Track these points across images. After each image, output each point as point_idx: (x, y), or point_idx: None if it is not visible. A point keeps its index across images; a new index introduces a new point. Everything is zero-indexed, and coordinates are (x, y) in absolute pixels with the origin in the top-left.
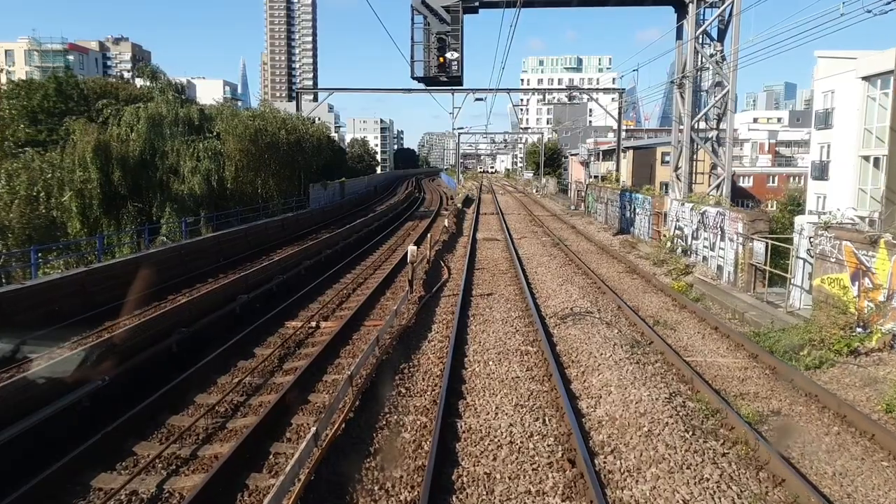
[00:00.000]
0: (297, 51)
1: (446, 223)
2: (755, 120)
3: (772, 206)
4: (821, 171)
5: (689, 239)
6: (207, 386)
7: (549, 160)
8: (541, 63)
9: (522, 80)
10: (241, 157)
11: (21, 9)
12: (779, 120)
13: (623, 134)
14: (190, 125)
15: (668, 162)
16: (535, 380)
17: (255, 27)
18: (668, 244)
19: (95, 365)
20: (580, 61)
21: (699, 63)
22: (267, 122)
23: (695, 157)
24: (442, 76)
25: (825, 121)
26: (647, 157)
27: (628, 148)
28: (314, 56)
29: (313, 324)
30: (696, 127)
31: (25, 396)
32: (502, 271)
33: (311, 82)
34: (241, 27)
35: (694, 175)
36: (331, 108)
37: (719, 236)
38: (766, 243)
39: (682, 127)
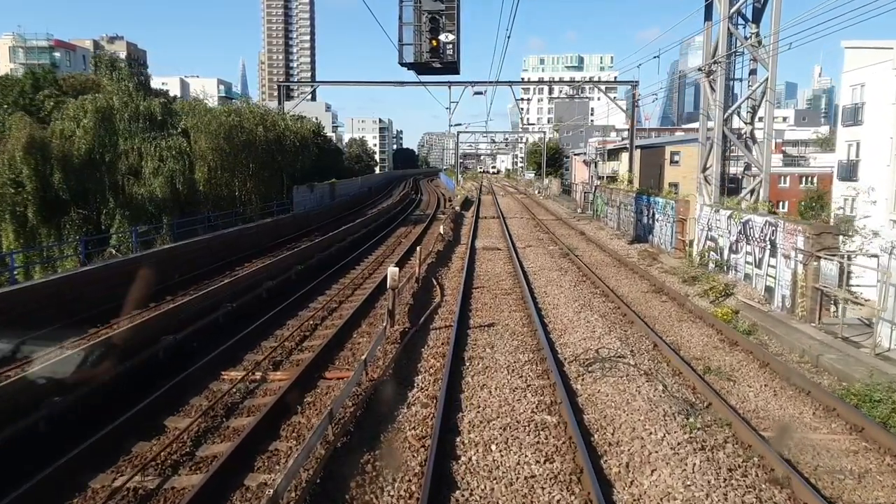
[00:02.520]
0: (294, 50)
1: (442, 230)
2: (760, 119)
3: (783, 209)
4: (849, 172)
5: (726, 252)
6: (70, 495)
7: (551, 160)
8: (542, 62)
9: (523, 78)
10: (214, 157)
11: (20, 7)
12: (784, 119)
13: (626, 133)
14: (151, 121)
15: (677, 162)
16: (559, 482)
17: (256, 28)
18: (699, 258)
19: None
20: (581, 60)
21: (734, 46)
22: (243, 117)
23: (728, 155)
24: (435, 62)
25: (854, 117)
26: (655, 156)
27: (636, 147)
28: (312, 55)
29: (258, 375)
30: (727, 121)
31: None
32: (505, 291)
33: (308, 81)
34: (241, 28)
35: (726, 176)
36: (328, 108)
37: (768, 251)
38: (840, 264)
39: (710, 123)
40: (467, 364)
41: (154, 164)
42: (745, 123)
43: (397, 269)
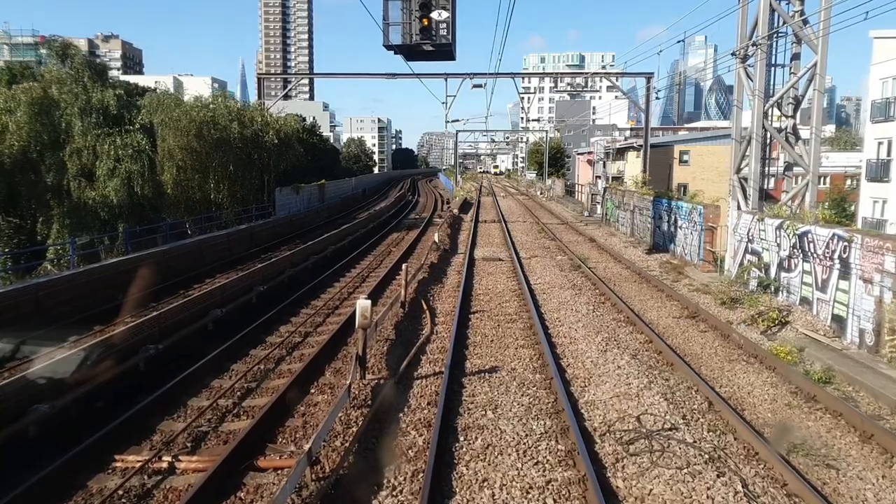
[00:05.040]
0: (292, 49)
1: (437, 237)
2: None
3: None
4: (879, 171)
5: (774, 269)
6: None
7: (553, 160)
8: (542, 60)
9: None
10: (183, 156)
11: (19, 6)
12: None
13: (628, 133)
14: (106, 115)
15: (686, 161)
16: None
17: (256, 28)
18: (737, 274)
19: None
20: (583, 58)
21: (776, 25)
22: (217, 113)
23: (767, 153)
24: (426, 44)
25: (885, 112)
26: (663, 156)
27: (643, 146)
28: (310, 55)
29: (166, 460)
30: (767, 114)
31: None
32: (510, 317)
33: (305, 81)
34: (242, 28)
35: (766, 179)
36: (326, 107)
37: (836, 271)
38: None
39: (744, 123)
40: (461, 439)
41: (109, 165)
42: (787, 117)
43: (369, 302)
